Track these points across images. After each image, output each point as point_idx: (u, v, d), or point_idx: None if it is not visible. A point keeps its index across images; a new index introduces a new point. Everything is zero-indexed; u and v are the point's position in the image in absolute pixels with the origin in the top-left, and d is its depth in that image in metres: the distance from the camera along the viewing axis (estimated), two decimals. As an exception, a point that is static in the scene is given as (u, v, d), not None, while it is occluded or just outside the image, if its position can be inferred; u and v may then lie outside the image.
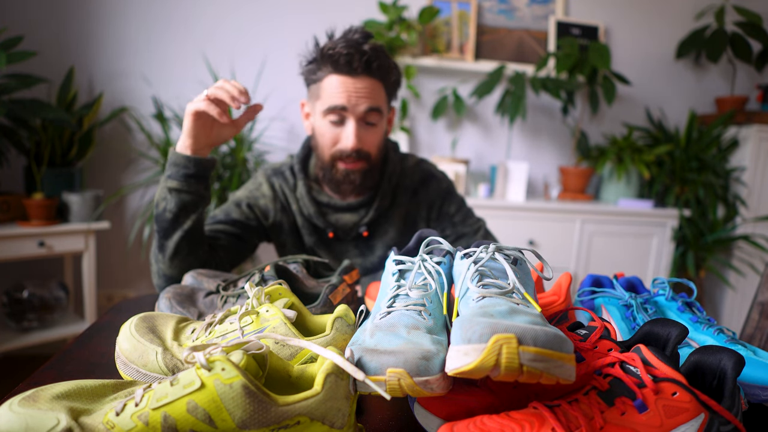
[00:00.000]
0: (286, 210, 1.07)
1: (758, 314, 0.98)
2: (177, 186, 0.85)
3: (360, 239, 1.09)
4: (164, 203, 0.86)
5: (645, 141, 2.46)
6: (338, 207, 1.06)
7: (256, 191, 1.07)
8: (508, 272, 0.49)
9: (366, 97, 0.95)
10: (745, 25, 2.25)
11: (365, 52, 0.93)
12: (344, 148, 0.98)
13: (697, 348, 0.47)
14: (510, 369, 0.37)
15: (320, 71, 0.96)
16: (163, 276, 0.88)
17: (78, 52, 2.04)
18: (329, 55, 0.93)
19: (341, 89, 0.94)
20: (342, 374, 0.40)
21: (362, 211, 1.06)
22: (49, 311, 1.90)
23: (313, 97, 1.00)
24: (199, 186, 0.87)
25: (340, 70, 0.94)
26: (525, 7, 2.34)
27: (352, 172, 1.00)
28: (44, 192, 1.82)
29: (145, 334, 0.52)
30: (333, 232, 1.06)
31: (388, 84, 1.00)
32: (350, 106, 0.95)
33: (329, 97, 0.95)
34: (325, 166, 1.02)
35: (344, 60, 0.92)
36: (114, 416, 0.37)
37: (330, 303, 0.65)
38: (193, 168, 0.85)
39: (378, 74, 0.96)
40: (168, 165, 0.87)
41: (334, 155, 1.00)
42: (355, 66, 0.93)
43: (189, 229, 0.87)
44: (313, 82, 0.98)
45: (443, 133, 2.39)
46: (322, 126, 0.99)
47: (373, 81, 0.96)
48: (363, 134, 0.98)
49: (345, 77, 0.94)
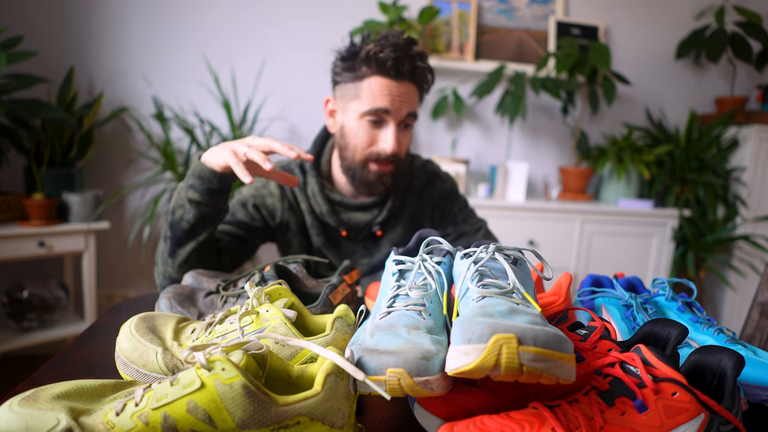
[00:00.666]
0: (294, 209, 1.06)
1: (758, 314, 0.98)
2: (198, 199, 0.83)
3: (369, 238, 1.08)
4: (182, 212, 0.84)
5: (645, 141, 2.46)
6: (351, 205, 1.05)
7: (263, 189, 1.05)
8: (508, 272, 0.49)
9: (407, 101, 0.96)
10: (745, 25, 2.25)
11: (414, 57, 0.93)
12: (382, 151, 0.97)
13: (697, 348, 0.47)
14: (510, 369, 0.37)
15: (361, 70, 0.94)
16: (168, 278, 0.88)
17: (78, 52, 2.04)
18: (376, 58, 0.92)
19: (385, 92, 0.93)
20: (342, 374, 0.40)
21: (375, 211, 1.06)
22: (49, 311, 1.90)
23: (348, 96, 0.98)
24: (220, 200, 0.85)
25: (386, 72, 0.93)
26: (525, 7, 2.34)
27: (384, 174, 1.00)
28: (44, 192, 1.82)
29: (145, 334, 0.52)
30: (346, 230, 1.05)
31: (423, 89, 1.01)
32: (393, 109, 0.94)
33: (372, 99, 0.94)
34: (355, 167, 1.00)
35: (392, 63, 0.92)
36: (114, 416, 0.37)
37: (330, 303, 0.65)
38: (217, 183, 0.83)
39: (418, 80, 0.97)
40: (191, 174, 0.83)
41: (368, 156, 0.99)
42: (403, 71, 0.93)
43: (203, 240, 0.86)
44: (350, 81, 0.96)
45: (443, 133, 2.39)
46: (357, 126, 0.97)
47: (413, 86, 0.97)
48: (401, 138, 0.99)
49: (389, 80, 0.93)
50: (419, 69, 0.96)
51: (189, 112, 2.16)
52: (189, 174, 0.84)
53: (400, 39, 0.94)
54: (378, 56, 0.92)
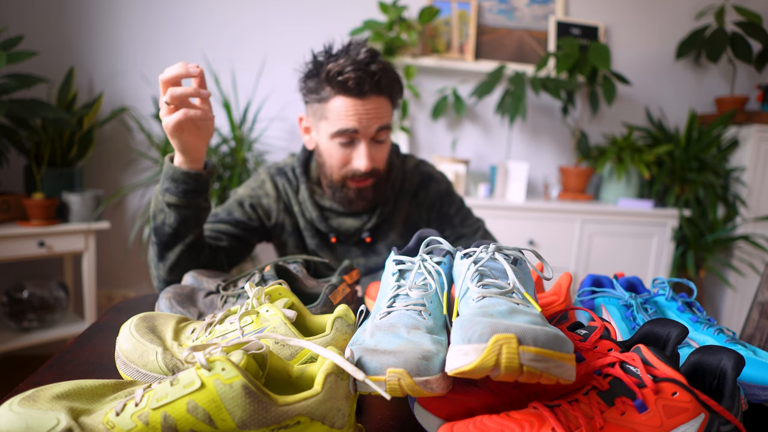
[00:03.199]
0: (289, 211, 1.06)
1: (758, 314, 0.98)
2: (176, 202, 0.79)
3: (362, 243, 1.08)
4: (162, 216, 0.81)
5: (645, 141, 2.46)
6: (341, 212, 1.05)
7: (259, 189, 1.05)
8: (508, 272, 0.49)
9: (376, 117, 0.93)
10: (745, 25, 2.25)
11: (375, 73, 0.90)
12: (357, 169, 0.96)
13: (697, 348, 0.47)
14: (510, 369, 0.37)
15: (324, 91, 0.92)
16: (163, 281, 0.87)
17: (78, 52, 2.04)
18: (337, 79, 0.89)
19: (351, 112, 0.91)
20: (342, 374, 0.40)
21: (365, 217, 1.06)
22: (49, 311, 1.90)
23: (317, 116, 0.96)
24: (200, 200, 0.82)
25: (349, 92, 0.90)
26: (525, 7, 2.34)
27: (363, 189, 0.99)
28: (44, 192, 1.82)
29: (145, 334, 0.52)
30: (335, 236, 1.05)
31: (394, 99, 0.98)
32: (361, 128, 0.92)
33: (338, 120, 0.92)
34: (335, 185, 1.00)
35: (354, 83, 0.89)
36: (114, 416, 0.37)
37: (330, 303, 0.65)
38: (192, 183, 0.79)
39: (386, 92, 0.94)
40: (164, 178, 0.79)
41: (345, 175, 0.98)
42: (366, 89, 0.90)
43: (191, 242, 0.84)
44: (316, 101, 0.95)
45: (443, 133, 2.39)
46: (329, 147, 0.96)
47: (381, 99, 0.93)
48: (374, 153, 0.97)
49: (354, 99, 0.91)
50: (384, 82, 0.92)
51: (189, 112, 2.16)
52: (162, 177, 0.80)
53: (360, 54, 0.91)
54: (338, 78, 0.89)
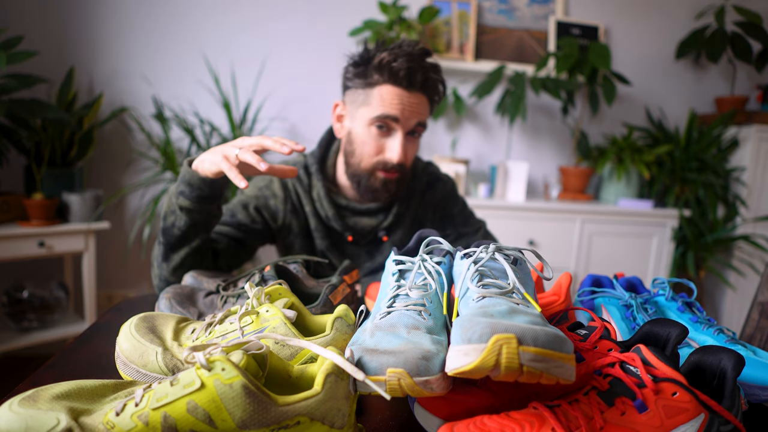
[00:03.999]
0: (297, 211, 1.04)
1: (758, 314, 0.98)
2: (189, 206, 0.81)
3: (373, 242, 1.08)
4: (173, 218, 0.82)
5: (645, 141, 2.46)
6: (357, 210, 1.05)
7: (266, 189, 1.03)
8: (508, 272, 0.49)
9: (417, 112, 0.96)
10: (745, 25, 2.25)
11: (426, 69, 0.94)
12: (389, 160, 0.97)
13: (697, 348, 0.47)
14: (510, 369, 0.37)
15: (373, 78, 0.95)
16: (164, 280, 0.87)
17: (78, 52, 2.04)
18: (389, 66, 0.92)
19: (396, 101, 0.93)
20: (342, 374, 0.40)
21: (381, 216, 1.06)
22: (49, 311, 1.90)
23: (358, 102, 0.97)
24: (212, 206, 0.83)
25: (398, 82, 0.93)
26: (525, 7, 2.34)
27: (389, 182, 1.00)
28: (44, 192, 1.82)
29: (145, 334, 0.52)
30: (352, 235, 1.05)
31: (433, 101, 1.01)
32: (402, 118, 0.95)
33: (382, 106, 0.94)
34: (361, 174, 1.00)
35: (405, 74, 0.92)
36: (114, 416, 0.37)
37: (330, 303, 0.65)
38: (208, 190, 0.80)
39: (430, 91, 0.97)
40: (180, 181, 0.81)
41: (375, 165, 0.98)
42: (415, 81, 0.93)
43: (197, 246, 0.85)
44: (361, 87, 0.96)
45: (443, 133, 2.39)
46: (365, 134, 0.97)
47: (423, 97, 0.97)
48: (408, 147, 0.99)
49: (401, 90, 0.93)
50: (432, 81, 0.96)
51: (189, 112, 2.16)
52: (178, 180, 0.81)
53: (415, 49, 0.94)
54: (391, 65, 0.92)
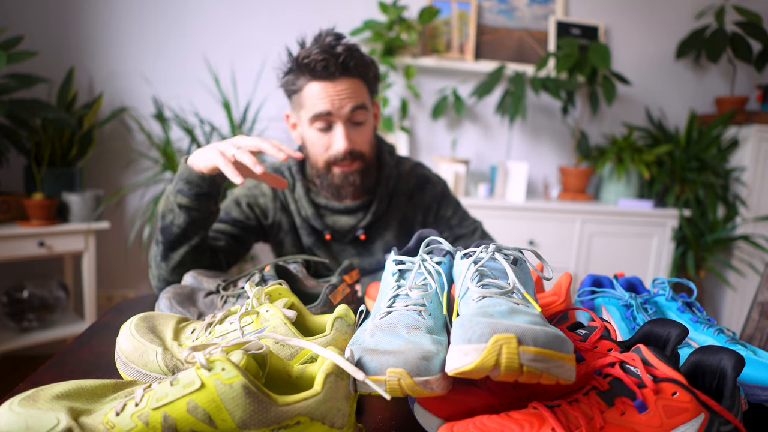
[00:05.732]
0: (285, 209, 1.07)
1: (758, 314, 0.98)
2: (187, 204, 0.81)
3: (357, 242, 1.09)
4: (171, 216, 0.83)
5: (645, 141, 2.46)
6: (335, 209, 1.06)
7: (255, 189, 1.06)
8: (508, 272, 0.49)
9: (348, 97, 0.95)
10: (745, 25, 2.25)
11: (339, 54, 0.92)
12: (337, 152, 0.97)
13: (697, 348, 0.47)
14: (510, 369, 0.37)
15: (299, 80, 0.96)
16: (163, 281, 0.87)
17: (78, 52, 2.04)
18: (305, 64, 0.92)
19: (323, 95, 0.94)
20: (342, 374, 0.40)
21: (359, 215, 1.07)
22: (49, 311, 1.90)
23: (297, 107, 0.99)
24: (210, 203, 0.84)
25: (318, 76, 0.93)
26: (525, 7, 2.34)
27: (349, 174, 1.00)
28: (44, 192, 1.82)
29: (145, 334, 0.52)
30: (330, 234, 1.06)
31: (368, 80, 1.00)
32: (335, 110, 0.95)
33: (313, 105, 0.95)
34: (321, 174, 1.02)
35: (320, 66, 0.92)
36: (114, 416, 0.37)
37: (330, 303, 0.65)
38: (206, 187, 0.81)
39: (357, 72, 0.96)
40: (178, 179, 0.81)
41: (328, 161, 1.00)
42: (332, 70, 0.92)
43: (196, 244, 0.85)
44: (294, 93, 0.98)
45: (443, 133, 2.39)
46: (310, 135, 0.99)
47: (352, 80, 0.96)
48: (352, 135, 0.98)
49: (324, 82, 0.94)
50: (352, 61, 0.94)
51: (189, 112, 2.16)
52: (176, 178, 0.82)
53: (326, 38, 0.94)
54: (305, 62, 0.92)
